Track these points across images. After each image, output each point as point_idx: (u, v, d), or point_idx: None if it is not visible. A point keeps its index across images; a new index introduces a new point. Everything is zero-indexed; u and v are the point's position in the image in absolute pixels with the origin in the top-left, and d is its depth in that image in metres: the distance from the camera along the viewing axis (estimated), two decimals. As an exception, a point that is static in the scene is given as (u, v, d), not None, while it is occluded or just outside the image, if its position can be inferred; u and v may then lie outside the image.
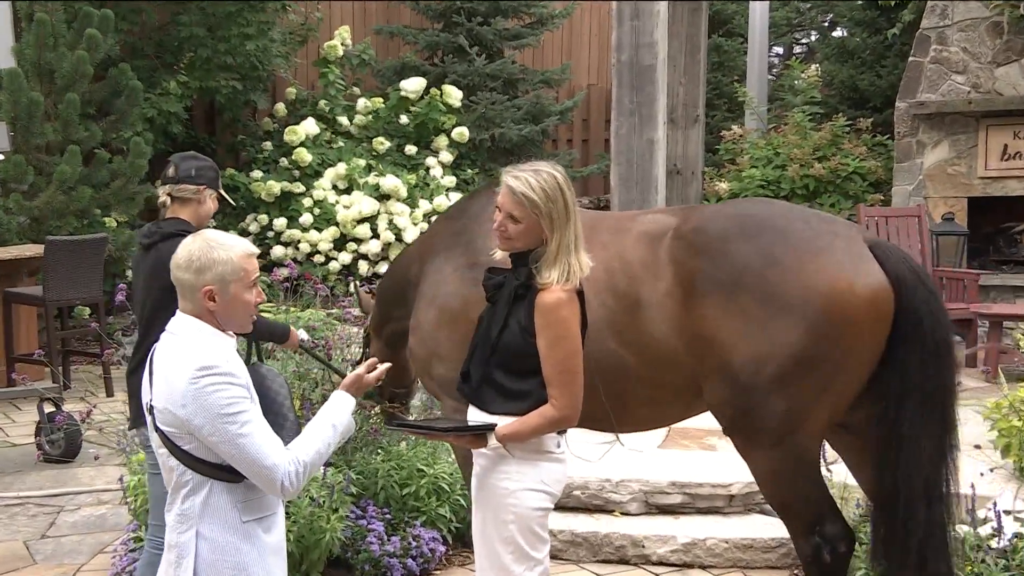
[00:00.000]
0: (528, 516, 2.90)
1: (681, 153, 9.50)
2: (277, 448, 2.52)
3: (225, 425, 2.47)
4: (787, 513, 3.41)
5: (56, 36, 8.72)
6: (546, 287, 2.83)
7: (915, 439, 3.20)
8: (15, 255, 7.73)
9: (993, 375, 6.28)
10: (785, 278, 3.19)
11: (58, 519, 5.40)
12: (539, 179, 2.83)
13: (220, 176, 4.01)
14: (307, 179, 11.18)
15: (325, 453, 2.62)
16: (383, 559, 4.41)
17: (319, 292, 7.06)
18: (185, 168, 3.88)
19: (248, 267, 2.60)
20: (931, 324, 3.21)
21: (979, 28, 9.60)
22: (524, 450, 2.89)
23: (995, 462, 4.90)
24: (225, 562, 2.56)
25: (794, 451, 3.29)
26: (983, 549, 3.92)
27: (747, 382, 3.23)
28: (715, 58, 13.78)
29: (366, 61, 12.14)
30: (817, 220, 3.39)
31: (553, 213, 2.82)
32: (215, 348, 2.56)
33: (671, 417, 3.71)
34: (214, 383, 2.48)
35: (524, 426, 2.86)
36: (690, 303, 3.31)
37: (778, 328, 3.17)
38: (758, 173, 10.59)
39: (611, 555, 4.83)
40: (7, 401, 7.28)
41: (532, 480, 2.89)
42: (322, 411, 2.69)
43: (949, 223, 9.36)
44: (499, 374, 2.89)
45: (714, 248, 3.31)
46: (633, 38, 7.08)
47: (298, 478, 2.54)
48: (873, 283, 3.19)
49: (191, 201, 3.87)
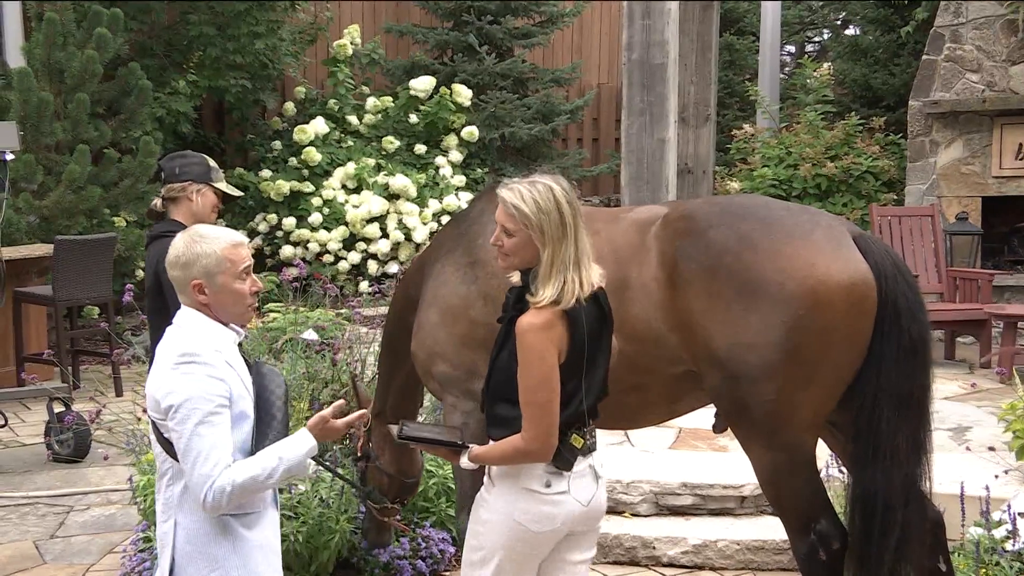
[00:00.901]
0: (495, 548, 2.80)
1: (692, 152, 9.44)
2: (221, 460, 2.47)
3: (186, 415, 2.47)
4: (783, 510, 3.39)
5: (65, 35, 8.73)
6: (536, 304, 2.69)
7: (894, 439, 3.17)
8: (24, 254, 7.73)
9: (1008, 376, 6.23)
10: (760, 262, 3.18)
11: (67, 519, 5.40)
12: (532, 191, 2.72)
13: (214, 169, 3.98)
14: (316, 178, 11.17)
15: (261, 481, 2.51)
16: (393, 560, 4.39)
17: (328, 292, 7.04)
18: (169, 168, 3.90)
19: (234, 257, 2.60)
20: (909, 319, 3.18)
21: (993, 26, 9.53)
22: (503, 482, 2.80)
23: (1009, 464, 4.85)
24: (200, 553, 2.55)
25: (786, 445, 3.26)
26: (997, 552, 3.87)
27: (734, 370, 3.21)
28: (727, 57, 13.73)
29: (375, 60, 12.13)
30: (800, 211, 3.40)
31: (544, 226, 2.69)
32: (205, 338, 2.56)
33: (660, 409, 3.64)
34: (190, 372, 2.49)
35: (492, 450, 2.77)
36: (674, 288, 3.31)
37: (758, 314, 3.16)
38: (770, 172, 10.53)
39: (621, 556, 4.80)
40: (16, 401, 7.28)
41: (504, 514, 2.78)
42: (278, 442, 2.61)
43: (963, 223, 9.30)
44: (497, 402, 2.80)
45: (696, 232, 3.32)
46: (644, 37, 7.03)
47: (224, 496, 2.46)
48: (851, 271, 3.16)
49: (181, 199, 3.88)
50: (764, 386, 3.18)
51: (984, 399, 6.76)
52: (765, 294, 3.16)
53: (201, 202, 3.93)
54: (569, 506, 2.78)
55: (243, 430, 2.59)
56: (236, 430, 2.57)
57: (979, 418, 6.28)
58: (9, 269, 7.17)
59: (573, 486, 2.78)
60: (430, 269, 3.91)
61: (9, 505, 5.60)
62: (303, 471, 2.61)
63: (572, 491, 2.78)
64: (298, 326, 5.97)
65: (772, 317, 3.14)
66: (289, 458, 2.56)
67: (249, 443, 2.60)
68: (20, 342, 7.57)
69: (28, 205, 8.31)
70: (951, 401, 6.84)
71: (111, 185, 8.90)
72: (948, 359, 8.50)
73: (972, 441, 5.60)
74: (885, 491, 3.17)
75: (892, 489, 3.17)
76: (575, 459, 2.78)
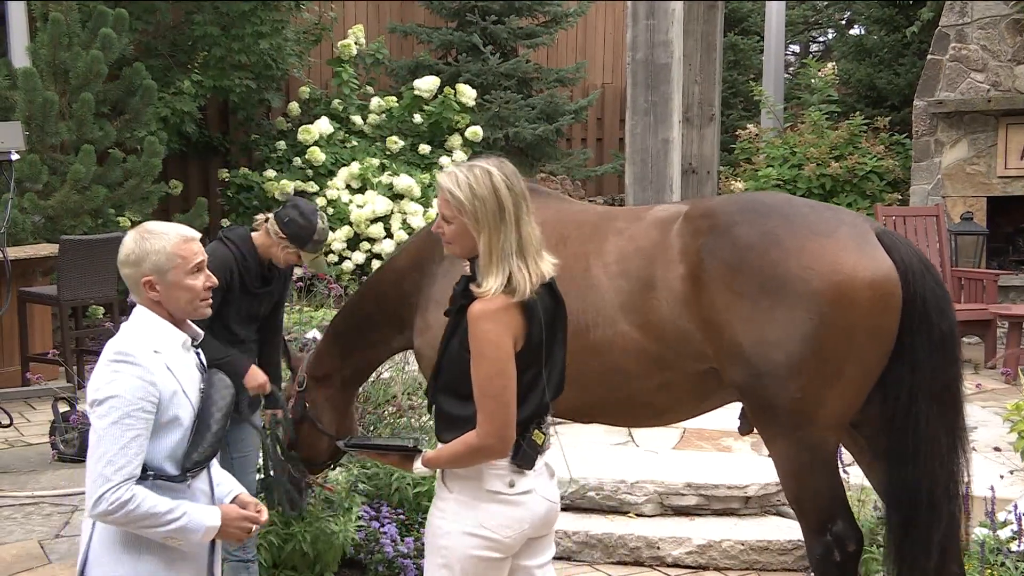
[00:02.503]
0: (462, 561, 2.60)
1: (696, 152, 9.44)
2: (125, 467, 2.40)
3: (104, 412, 2.43)
4: (801, 509, 3.39)
5: (71, 35, 8.74)
6: (481, 296, 2.55)
7: (935, 434, 3.18)
8: (30, 254, 7.74)
9: (1013, 376, 6.22)
10: (786, 260, 3.18)
11: (72, 518, 5.40)
12: (469, 175, 2.58)
13: (315, 242, 3.95)
14: (321, 178, 11.17)
15: (159, 520, 2.41)
16: (396, 560, 4.39)
17: (332, 291, 7.05)
18: (283, 213, 3.94)
19: (184, 253, 2.56)
20: (938, 314, 3.19)
21: (999, 26, 9.51)
22: (463, 487, 2.61)
23: (1015, 464, 4.85)
24: (107, 557, 2.51)
25: (809, 443, 3.26)
26: (1003, 552, 3.87)
27: (759, 367, 3.21)
28: (731, 56, 13.71)
29: (380, 60, 12.14)
30: (824, 208, 3.41)
31: (479, 212, 2.55)
32: (145, 338, 2.52)
33: (687, 406, 3.62)
34: (118, 370, 2.45)
35: (443, 452, 2.61)
36: (699, 285, 3.31)
37: (783, 311, 3.16)
38: (774, 172, 10.52)
39: (626, 556, 4.80)
40: (22, 400, 7.29)
41: (468, 522, 2.59)
42: (192, 505, 2.51)
43: (968, 223, 9.28)
44: (444, 398, 2.65)
45: (720, 230, 3.32)
46: (648, 36, 7.03)
47: (120, 509, 2.39)
48: (876, 268, 3.17)
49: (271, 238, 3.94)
50: (789, 383, 3.18)
51: (989, 399, 6.75)
52: (790, 291, 3.16)
53: (282, 256, 3.97)
54: (535, 506, 2.64)
55: (174, 436, 2.51)
56: (167, 436, 2.50)
57: (984, 418, 6.27)
58: (14, 269, 7.16)
59: (537, 484, 2.66)
60: (434, 268, 3.90)
61: (14, 505, 5.60)
62: (191, 537, 2.49)
63: (538, 489, 2.65)
64: (303, 325, 5.98)
65: (797, 314, 3.14)
66: (193, 518, 2.47)
67: (181, 450, 2.52)
68: (25, 342, 7.58)
69: (33, 205, 8.31)
70: (956, 401, 6.82)
71: (116, 185, 8.90)
72: (953, 359, 8.48)
73: (977, 442, 5.59)
74: (930, 487, 3.17)
75: (938, 487, 3.17)
76: (537, 456, 2.65)
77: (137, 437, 2.43)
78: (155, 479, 2.47)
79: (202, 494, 2.60)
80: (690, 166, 9.31)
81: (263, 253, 3.95)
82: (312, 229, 3.93)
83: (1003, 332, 8.18)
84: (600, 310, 3.43)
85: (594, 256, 3.54)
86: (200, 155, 11.52)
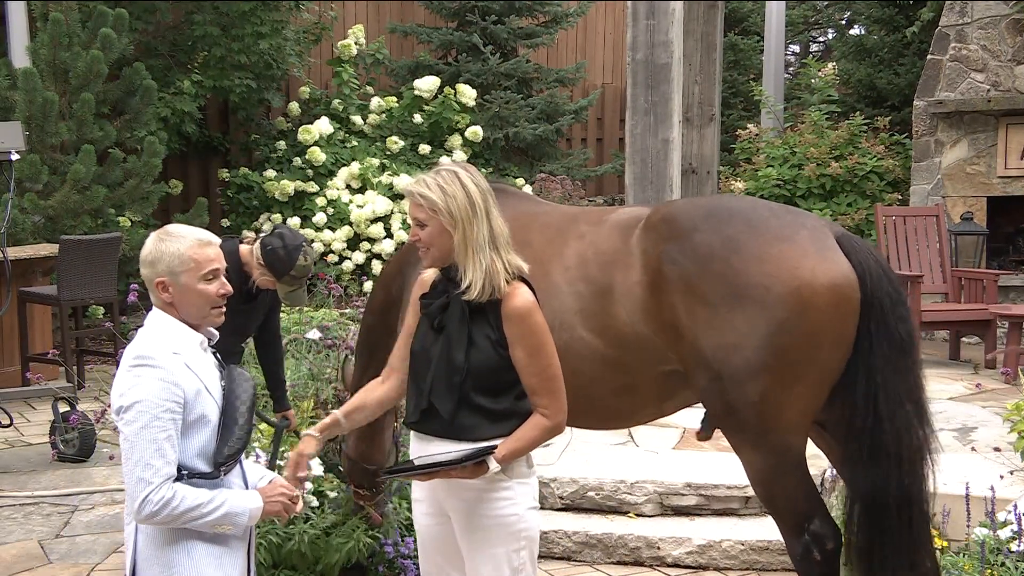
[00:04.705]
0: (535, 536, 2.84)
1: (696, 152, 9.43)
2: (162, 469, 2.44)
3: (132, 418, 2.45)
4: (776, 511, 3.39)
5: (71, 35, 8.74)
6: (510, 293, 2.72)
7: (898, 436, 3.18)
8: (30, 254, 7.74)
9: (1013, 376, 6.22)
10: (748, 266, 3.19)
11: (72, 519, 5.40)
12: (437, 178, 2.75)
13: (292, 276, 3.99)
14: (321, 178, 11.18)
15: (201, 513, 2.47)
16: (397, 560, 4.39)
17: (333, 292, 7.05)
18: (268, 240, 4.00)
19: (199, 257, 2.57)
20: (896, 318, 3.20)
21: (999, 26, 9.51)
22: (514, 470, 2.79)
23: (1015, 464, 4.84)
24: (156, 557, 2.53)
25: (775, 447, 3.27)
26: (1003, 552, 3.87)
27: (720, 371, 3.22)
28: (731, 56, 13.71)
29: (380, 60, 12.14)
30: (784, 212, 3.40)
31: (452, 208, 2.71)
32: (163, 341, 2.53)
33: (645, 411, 3.64)
34: (141, 375, 2.46)
35: (522, 441, 2.74)
36: (659, 292, 3.32)
37: (743, 317, 3.17)
38: (774, 172, 10.52)
39: (626, 557, 4.80)
40: (22, 400, 7.29)
41: (530, 498, 2.83)
42: (230, 492, 2.58)
43: (968, 223, 9.28)
44: (479, 397, 2.74)
45: (680, 236, 3.32)
46: (648, 37, 7.03)
47: (164, 508, 2.43)
48: (835, 272, 3.17)
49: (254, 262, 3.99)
50: (749, 387, 3.19)
51: (989, 399, 6.74)
52: (751, 296, 3.17)
53: (260, 280, 3.99)
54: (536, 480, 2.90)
55: (203, 434, 2.54)
56: (196, 435, 2.52)
57: (984, 418, 6.26)
58: (14, 269, 7.16)
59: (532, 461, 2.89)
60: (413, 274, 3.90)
61: (14, 505, 5.60)
62: (239, 520, 2.55)
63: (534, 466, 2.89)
64: (303, 326, 5.98)
65: (757, 319, 3.16)
66: (233, 505, 2.53)
67: (211, 447, 2.55)
68: (25, 342, 7.57)
69: (33, 205, 8.31)
70: (956, 401, 6.83)
71: (116, 185, 8.90)
72: (953, 359, 8.49)
73: (977, 442, 5.59)
74: (895, 490, 3.17)
75: (901, 488, 3.18)
76: None
77: (169, 438, 2.46)
78: (189, 478, 2.51)
79: (237, 487, 2.64)
80: (690, 166, 9.30)
81: (246, 269, 3.93)
82: (290, 264, 3.91)
83: (1003, 332, 8.17)
84: (558, 315, 3.43)
85: (555, 260, 3.55)
86: (200, 155, 11.51)
